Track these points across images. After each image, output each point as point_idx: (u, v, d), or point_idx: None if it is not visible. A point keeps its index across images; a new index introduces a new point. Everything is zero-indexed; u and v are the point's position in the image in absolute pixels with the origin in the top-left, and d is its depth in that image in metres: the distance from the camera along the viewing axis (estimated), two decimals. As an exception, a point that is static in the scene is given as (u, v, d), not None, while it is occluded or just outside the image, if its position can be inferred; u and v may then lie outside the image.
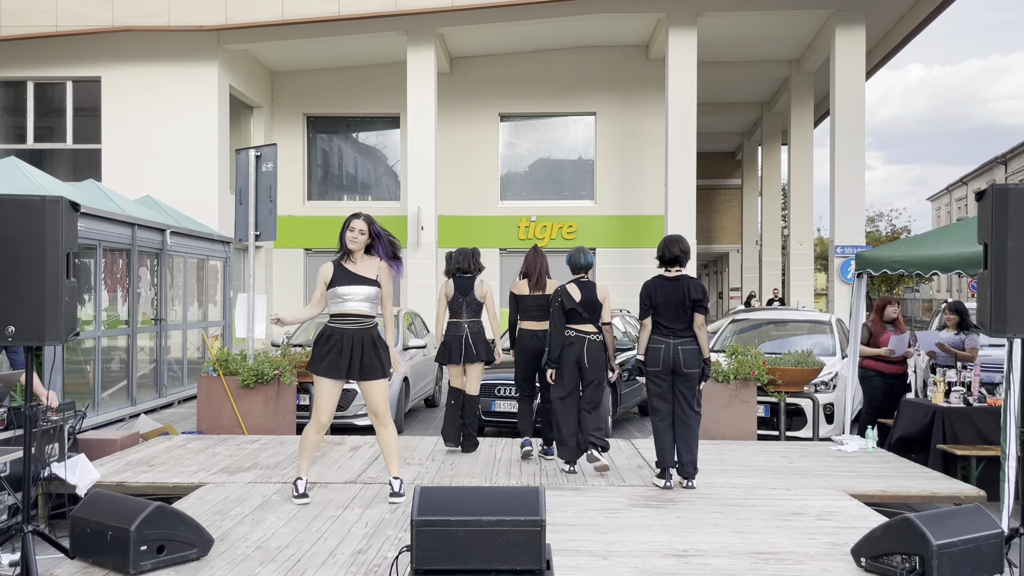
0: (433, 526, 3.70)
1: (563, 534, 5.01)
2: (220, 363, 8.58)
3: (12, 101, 18.40)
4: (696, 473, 6.25)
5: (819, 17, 18.98)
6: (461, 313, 7.61)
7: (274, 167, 9.30)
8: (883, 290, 38.22)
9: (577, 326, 6.73)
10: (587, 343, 6.70)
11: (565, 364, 6.69)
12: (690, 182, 18.31)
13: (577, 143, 21.61)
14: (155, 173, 17.20)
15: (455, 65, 21.01)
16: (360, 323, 5.76)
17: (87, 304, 9.49)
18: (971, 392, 7.52)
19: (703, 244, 30.64)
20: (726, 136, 31.88)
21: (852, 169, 18.19)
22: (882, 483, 6.41)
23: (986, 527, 4.31)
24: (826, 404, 9.27)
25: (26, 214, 4.48)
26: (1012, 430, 5.18)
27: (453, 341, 7.56)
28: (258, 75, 20.40)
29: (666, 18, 18.31)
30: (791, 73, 22.99)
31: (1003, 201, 4.82)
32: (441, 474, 6.69)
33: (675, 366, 6.20)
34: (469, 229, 20.56)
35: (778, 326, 11.39)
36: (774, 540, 4.97)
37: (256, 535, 5.02)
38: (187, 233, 11.78)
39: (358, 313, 5.75)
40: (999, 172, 43.16)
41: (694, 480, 6.25)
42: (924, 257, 7.46)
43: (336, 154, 22.16)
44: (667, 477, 6.26)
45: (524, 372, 7.37)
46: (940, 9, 18.25)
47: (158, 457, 7.13)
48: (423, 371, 11.63)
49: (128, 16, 17.28)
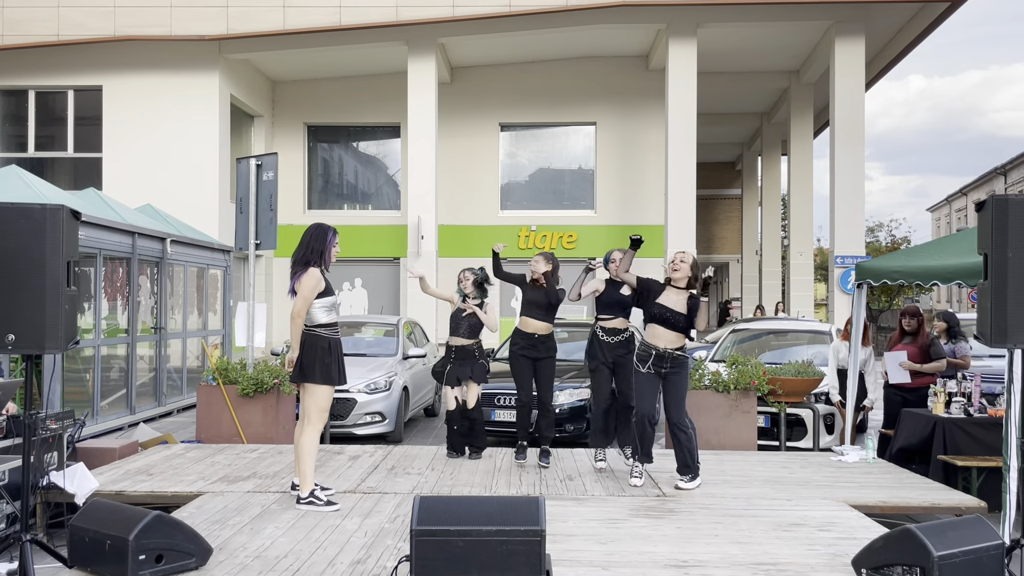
0: (432, 536, 3.69)
1: (563, 544, 5.00)
2: (220, 372, 8.57)
3: (13, 110, 18.44)
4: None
5: (818, 28, 19.04)
6: (459, 331, 7.64)
7: (275, 176, 9.32)
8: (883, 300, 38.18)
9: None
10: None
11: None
12: (690, 192, 18.34)
13: (577, 153, 21.65)
14: (156, 182, 17.23)
15: (456, 75, 21.07)
16: (338, 331, 6.06)
17: (87, 312, 9.48)
18: (971, 403, 7.50)
19: (703, 254, 30.63)
20: (726, 146, 31.92)
21: (852, 179, 18.22)
22: (883, 494, 6.39)
23: (987, 538, 4.29)
24: (826, 414, 9.25)
25: (27, 223, 4.49)
26: (1013, 441, 5.17)
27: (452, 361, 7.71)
28: (259, 84, 20.45)
29: (666, 29, 18.37)
30: (791, 84, 23.04)
31: (1003, 212, 4.82)
32: (440, 483, 6.68)
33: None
34: (469, 238, 20.58)
35: (778, 336, 11.38)
36: (774, 551, 4.95)
37: (255, 544, 5.00)
38: (187, 242, 11.78)
39: (338, 322, 6.05)
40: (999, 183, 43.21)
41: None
42: (924, 268, 7.46)
43: (337, 163, 22.20)
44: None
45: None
46: (939, 21, 18.30)
47: (157, 466, 7.11)
48: (422, 381, 11.62)
49: (130, 25, 17.33)
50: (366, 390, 9.83)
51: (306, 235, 6.00)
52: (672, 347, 6.39)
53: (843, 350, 8.82)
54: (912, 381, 8.30)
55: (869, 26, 18.55)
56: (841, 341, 9.01)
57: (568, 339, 11.41)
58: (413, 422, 11.87)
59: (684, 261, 6.44)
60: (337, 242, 6.06)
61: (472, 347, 7.68)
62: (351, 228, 19.58)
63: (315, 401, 5.81)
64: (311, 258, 5.89)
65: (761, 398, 8.48)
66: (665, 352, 6.37)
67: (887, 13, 18.44)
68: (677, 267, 6.43)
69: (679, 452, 6.48)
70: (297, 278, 5.85)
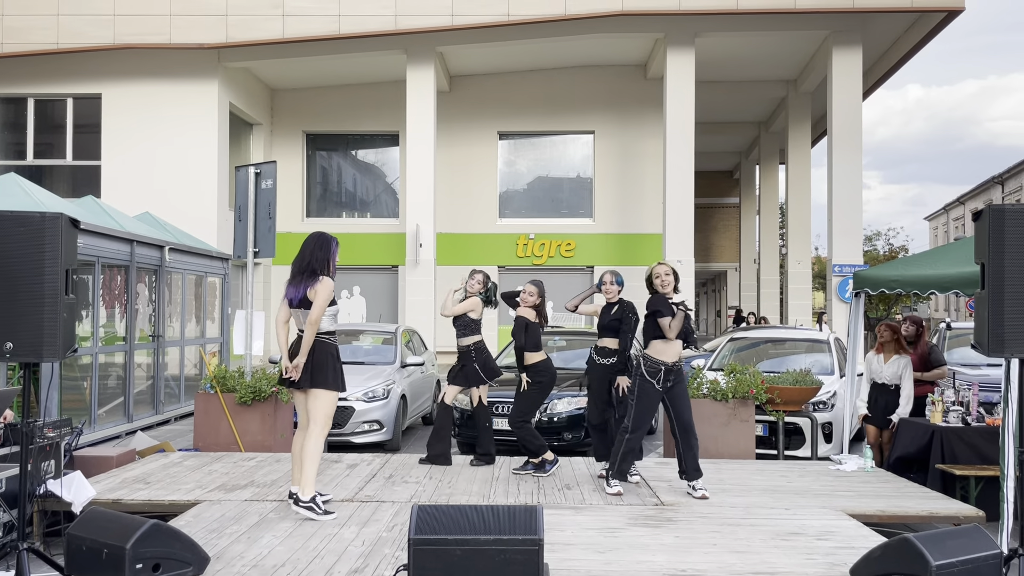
0: (430, 545, 3.68)
1: (561, 553, 4.99)
2: (217, 380, 8.56)
3: (12, 117, 18.47)
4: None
5: (816, 38, 19.11)
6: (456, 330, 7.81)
7: (273, 184, 9.32)
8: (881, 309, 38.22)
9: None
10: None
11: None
12: (688, 201, 18.38)
13: (576, 161, 21.69)
14: (154, 190, 17.25)
15: (454, 83, 21.12)
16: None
17: (85, 320, 9.47)
18: (969, 412, 7.51)
19: (701, 263, 30.68)
20: (724, 155, 32.02)
21: (850, 188, 18.26)
22: (881, 503, 6.39)
23: (985, 547, 4.29)
24: (824, 423, 9.25)
25: (26, 230, 4.49)
26: (1010, 450, 5.17)
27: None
28: (258, 93, 20.49)
29: (664, 38, 18.43)
30: (788, 93, 23.12)
31: (999, 221, 4.84)
32: (438, 492, 6.67)
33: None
34: (468, 247, 20.61)
35: (776, 345, 11.39)
36: (773, 560, 4.95)
37: (252, 553, 4.99)
38: (186, 250, 11.78)
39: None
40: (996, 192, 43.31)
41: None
42: (922, 276, 7.47)
43: (335, 171, 22.23)
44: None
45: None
46: (936, 31, 18.38)
47: (154, 474, 7.09)
48: (421, 389, 11.61)
49: (129, 34, 17.37)
50: (364, 398, 9.82)
51: (308, 244, 6.00)
52: (678, 360, 6.57)
53: (874, 363, 8.30)
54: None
55: (866, 36, 18.62)
56: (875, 354, 8.38)
57: (567, 347, 11.42)
58: (411, 430, 11.85)
59: (668, 275, 6.61)
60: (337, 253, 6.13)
61: (467, 348, 7.74)
62: (349, 236, 19.59)
63: (323, 406, 5.86)
64: (318, 267, 5.92)
65: (759, 407, 8.48)
66: (673, 366, 6.52)
67: (884, 23, 18.52)
68: (666, 282, 6.58)
69: (690, 457, 6.52)
70: (308, 287, 5.85)
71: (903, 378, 8.00)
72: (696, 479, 6.56)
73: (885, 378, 8.13)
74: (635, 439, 6.57)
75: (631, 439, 6.55)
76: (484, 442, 7.80)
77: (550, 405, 9.52)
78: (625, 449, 6.58)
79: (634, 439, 6.56)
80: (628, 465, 6.70)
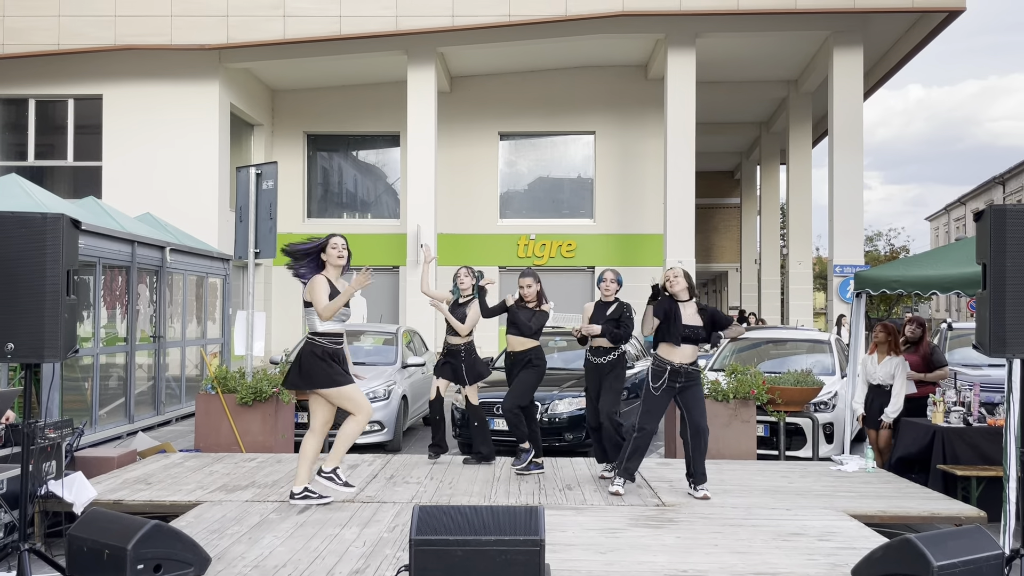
0: (432, 545, 3.68)
1: (562, 554, 4.98)
2: (218, 381, 8.56)
3: (13, 118, 18.48)
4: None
5: (817, 38, 19.10)
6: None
7: (274, 185, 9.33)
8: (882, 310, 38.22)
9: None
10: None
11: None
12: (689, 201, 18.37)
13: (576, 162, 21.69)
14: (155, 190, 17.24)
15: (455, 84, 21.12)
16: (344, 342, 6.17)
17: (86, 321, 9.47)
18: (971, 412, 7.50)
19: (702, 263, 30.64)
20: (725, 156, 31.98)
21: (851, 189, 18.26)
22: (882, 503, 6.39)
23: (987, 548, 4.29)
24: (826, 423, 9.25)
25: (27, 231, 4.49)
26: (1012, 450, 5.16)
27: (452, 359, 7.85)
28: (259, 93, 20.50)
29: (665, 39, 18.43)
30: (789, 93, 23.11)
31: (1001, 221, 4.83)
32: (439, 493, 6.67)
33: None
34: (469, 247, 20.60)
35: (777, 345, 11.38)
36: (774, 561, 4.95)
37: (253, 554, 4.99)
38: (187, 250, 11.78)
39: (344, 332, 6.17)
40: (997, 192, 43.31)
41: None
42: (923, 277, 7.46)
43: (336, 172, 22.24)
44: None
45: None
46: (937, 31, 18.37)
47: (155, 475, 7.10)
48: (421, 389, 11.60)
49: (130, 35, 17.38)
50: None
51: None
52: (687, 362, 6.51)
53: (869, 363, 8.26)
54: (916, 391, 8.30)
55: (867, 36, 18.61)
56: (869, 355, 8.35)
57: (568, 348, 11.41)
58: (412, 431, 11.86)
59: (678, 276, 6.59)
60: (336, 242, 6.16)
61: (458, 347, 7.78)
62: (350, 236, 19.16)
63: (341, 401, 5.96)
64: (306, 268, 6.07)
65: (760, 407, 8.48)
66: (680, 367, 6.48)
67: (885, 23, 18.52)
68: (672, 281, 6.56)
69: (699, 459, 6.52)
70: (305, 291, 6.01)
71: (895, 377, 7.97)
72: (702, 483, 6.56)
73: (879, 379, 8.12)
74: (642, 438, 6.54)
75: (638, 438, 6.53)
76: (477, 441, 7.81)
77: (551, 406, 9.52)
78: (632, 448, 6.56)
79: (641, 438, 6.54)
80: (635, 464, 6.67)
